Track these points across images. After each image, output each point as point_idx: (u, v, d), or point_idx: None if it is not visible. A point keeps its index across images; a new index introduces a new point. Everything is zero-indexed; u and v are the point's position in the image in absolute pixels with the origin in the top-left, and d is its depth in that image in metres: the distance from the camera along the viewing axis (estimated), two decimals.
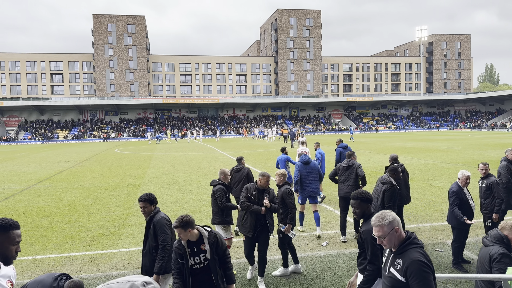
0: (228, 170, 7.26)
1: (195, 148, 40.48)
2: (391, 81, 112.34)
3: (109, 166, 24.68)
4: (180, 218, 4.09)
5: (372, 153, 29.24)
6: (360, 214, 4.26)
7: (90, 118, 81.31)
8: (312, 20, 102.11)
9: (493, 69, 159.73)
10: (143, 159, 28.81)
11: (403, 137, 53.74)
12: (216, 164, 23.65)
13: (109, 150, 41.95)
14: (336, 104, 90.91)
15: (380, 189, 6.69)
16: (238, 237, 8.72)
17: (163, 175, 19.38)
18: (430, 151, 29.78)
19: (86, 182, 17.86)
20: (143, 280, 1.75)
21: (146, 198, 5.06)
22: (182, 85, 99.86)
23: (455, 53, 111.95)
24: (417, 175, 17.22)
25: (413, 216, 10.41)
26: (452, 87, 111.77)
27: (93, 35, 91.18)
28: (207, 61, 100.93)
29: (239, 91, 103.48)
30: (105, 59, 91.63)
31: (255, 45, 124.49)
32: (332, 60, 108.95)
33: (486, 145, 34.78)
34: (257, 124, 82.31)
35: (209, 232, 4.25)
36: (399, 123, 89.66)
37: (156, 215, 4.98)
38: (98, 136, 73.34)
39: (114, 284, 1.75)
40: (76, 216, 11.26)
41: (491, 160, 22.25)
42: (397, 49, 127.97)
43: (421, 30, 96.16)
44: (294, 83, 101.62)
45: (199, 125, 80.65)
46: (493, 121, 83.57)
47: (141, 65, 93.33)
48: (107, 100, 78.73)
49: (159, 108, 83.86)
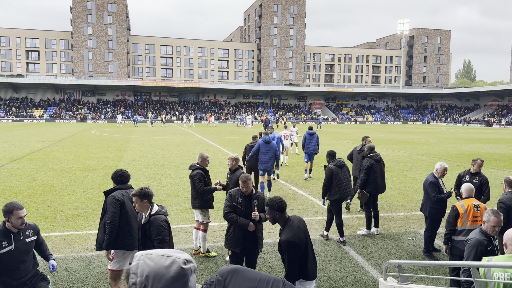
0: (206, 154, 7.15)
1: (174, 133, 40.11)
2: (372, 73, 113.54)
3: (85, 147, 24.22)
4: (140, 188, 4.51)
5: (350, 143, 29.63)
6: (271, 219, 4.42)
7: (67, 98, 79.30)
8: (297, 8, 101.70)
9: (470, 65, 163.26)
10: (121, 142, 28.38)
11: (381, 129, 54.62)
12: (195, 149, 23.53)
13: (85, 131, 41.12)
14: (317, 93, 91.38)
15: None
16: (216, 222, 8.75)
17: (141, 158, 19.16)
18: (406, 143, 30.40)
19: (61, 162, 17.50)
20: (185, 258, 1.68)
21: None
22: (162, 68, 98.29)
23: (435, 48, 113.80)
24: (393, 166, 17.58)
25: (388, 206, 10.65)
26: (431, 82, 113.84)
27: (72, 12, 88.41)
28: (189, 45, 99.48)
29: (221, 76, 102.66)
30: (83, 38, 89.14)
31: (239, 31, 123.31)
32: (314, 50, 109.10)
33: (460, 139, 35.72)
34: (239, 111, 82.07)
35: (157, 212, 4.50)
36: (378, 115, 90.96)
37: (112, 193, 5.21)
38: (74, 117, 71.71)
39: (155, 256, 1.67)
40: (50, 196, 11.05)
41: (465, 154, 22.90)
42: (379, 41, 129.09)
43: (403, 24, 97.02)
44: (277, 71, 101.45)
45: (179, 110, 79.81)
46: (468, 116, 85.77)
47: (120, 45, 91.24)
48: (85, 80, 76.82)
49: (138, 91, 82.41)
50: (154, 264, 1.64)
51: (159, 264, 1.64)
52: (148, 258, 1.66)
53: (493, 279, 3.48)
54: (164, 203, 10.40)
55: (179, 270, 1.64)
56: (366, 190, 8.17)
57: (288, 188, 12.74)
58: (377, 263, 6.68)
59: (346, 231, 8.36)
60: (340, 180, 7.67)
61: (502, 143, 31.95)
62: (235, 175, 6.90)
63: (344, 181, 7.72)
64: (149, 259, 1.66)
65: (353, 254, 7.10)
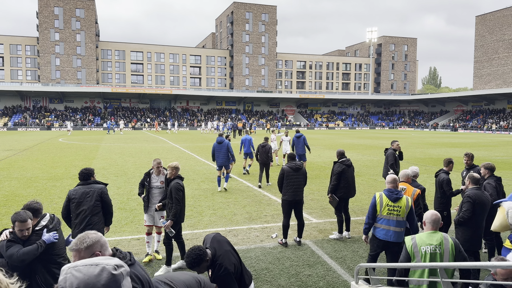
0: (159, 161, 7.20)
1: (146, 140, 39.50)
2: (342, 80, 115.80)
3: (52, 156, 23.49)
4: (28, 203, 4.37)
5: (322, 148, 30.03)
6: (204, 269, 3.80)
7: (33, 105, 76.79)
8: (268, 15, 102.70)
9: (436, 72, 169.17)
10: (90, 150, 27.70)
11: (351, 135, 55.66)
12: (168, 157, 23.24)
13: (52, 139, 39.89)
14: (289, 100, 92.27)
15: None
16: (189, 230, 8.66)
17: (110, 167, 18.75)
18: (376, 148, 31.10)
19: (27, 172, 16.90)
20: (115, 264, 1.65)
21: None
22: (133, 74, 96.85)
23: (402, 55, 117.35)
24: (363, 170, 17.93)
25: (358, 209, 10.84)
26: (398, 88, 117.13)
27: (38, 17, 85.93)
28: (160, 51, 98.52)
29: (193, 83, 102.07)
30: (50, 43, 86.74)
31: (211, 37, 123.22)
32: (286, 57, 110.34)
33: (427, 143, 36.85)
34: (211, 117, 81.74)
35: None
36: (348, 121, 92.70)
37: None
38: (41, 124, 69.46)
39: (83, 266, 1.63)
40: (15, 207, 10.63)
41: (432, 158, 23.63)
42: (348, 49, 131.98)
43: (371, 32, 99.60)
44: (249, 78, 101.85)
45: (151, 116, 78.71)
46: (435, 122, 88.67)
47: (89, 51, 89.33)
48: (52, 86, 74.58)
49: (108, 97, 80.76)
50: (83, 275, 1.61)
51: (88, 274, 1.61)
52: (76, 270, 1.63)
53: (420, 253, 4.23)
54: (135, 212, 10.23)
55: (110, 276, 1.61)
56: (337, 195, 8.30)
57: (261, 194, 12.77)
58: (349, 267, 6.78)
59: (319, 235, 8.45)
60: (346, 178, 8.27)
61: (467, 147, 33.18)
62: (170, 185, 6.48)
63: (349, 180, 8.34)
64: (77, 271, 1.63)
65: (326, 258, 7.18)
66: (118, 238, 8.18)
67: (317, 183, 14.81)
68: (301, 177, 7.95)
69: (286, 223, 7.81)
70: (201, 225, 9.11)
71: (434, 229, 4.36)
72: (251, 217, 9.86)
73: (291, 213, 7.93)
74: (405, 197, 5.74)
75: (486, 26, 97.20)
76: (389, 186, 5.83)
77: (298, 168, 7.94)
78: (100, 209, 5.85)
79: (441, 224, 4.40)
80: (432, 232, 4.34)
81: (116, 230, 8.63)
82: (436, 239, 4.26)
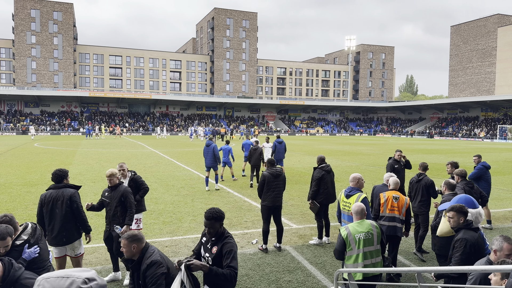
0: (115, 171, 6.38)
1: (124, 145, 38.94)
2: (321, 87, 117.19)
3: (27, 161, 22.89)
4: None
5: (302, 154, 30.23)
6: (214, 233, 4.09)
7: (8, 109, 74.76)
8: (249, 22, 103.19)
9: (412, 80, 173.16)
10: (66, 155, 27.11)
11: (331, 141, 56.26)
12: (146, 162, 22.96)
13: (27, 144, 38.88)
14: (269, 106, 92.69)
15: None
16: (168, 236, 8.55)
17: (87, 172, 18.39)
18: (354, 154, 31.51)
19: (0, 177, 16.40)
20: (85, 277, 1.64)
21: None
22: (111, 78, 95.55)
23: (380, 63, 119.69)
24: (342, 176, 18.12)
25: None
26: (376, 95, 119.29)
27: (14, 19, 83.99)
28: (140, 55, 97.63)
29: (173, 88, 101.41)
30: (26, 46, 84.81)
31: (191, 42, 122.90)
32: (267, 63, 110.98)
33: (404, 150, 37.52)
34: (191, 123, 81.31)
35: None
36: (328, 127, 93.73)
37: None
38: (15, 129, 67.64)
39: (54, 278, 1.63)
40: None
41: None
42: (328, 56, 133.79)
43: (350, 40, 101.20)
44: (230, 83, 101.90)
45: (129, 121, 77.72)
46: (412, 128, 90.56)
47: (67, 55, 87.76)
48: (27, 90, 72.83)
49: (85, 102, 79.39)
50: (52, 287, 1.62)
51: (58, 286, 1.62)
52: (47, 281, 1.65)
53: (355, 240, 4.74)
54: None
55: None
56: (317, 200, 8.34)
57: (242, 200, 12.74)
58: (329, 272, 6.81)
59: (299, 241, 8.48)
60: (326, 184, 8.35)
61: (443, 153, 33.98)
62: (116, 192, 6.22)
63: (329, 186, 8.43)
64: (47, 282, 1.64)
65: (306, 263, 7.20)
66: (95, 245, 8.02)
67: (297, 189, 14.87)
68: (281, 183, 8.01)
69: (266, 229, 7.84)
70: (181, 232, 9.02)
71: (361, 219, 4.90)
72: (231, 223, 9.82)
73: (270, 218, 7.97)
74: (357, 194, 6.22)
75: (461, 36, 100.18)
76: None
77: (278, 174, 8.00)
78: (72, 215, 5.67)
79: (365, 214, 4.94)
80: (361, 221, 4.89)
81: (94, 237, 8.45)
82: (366, 226, 4.84)
